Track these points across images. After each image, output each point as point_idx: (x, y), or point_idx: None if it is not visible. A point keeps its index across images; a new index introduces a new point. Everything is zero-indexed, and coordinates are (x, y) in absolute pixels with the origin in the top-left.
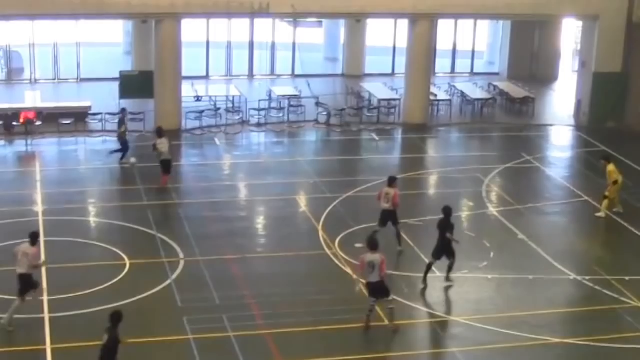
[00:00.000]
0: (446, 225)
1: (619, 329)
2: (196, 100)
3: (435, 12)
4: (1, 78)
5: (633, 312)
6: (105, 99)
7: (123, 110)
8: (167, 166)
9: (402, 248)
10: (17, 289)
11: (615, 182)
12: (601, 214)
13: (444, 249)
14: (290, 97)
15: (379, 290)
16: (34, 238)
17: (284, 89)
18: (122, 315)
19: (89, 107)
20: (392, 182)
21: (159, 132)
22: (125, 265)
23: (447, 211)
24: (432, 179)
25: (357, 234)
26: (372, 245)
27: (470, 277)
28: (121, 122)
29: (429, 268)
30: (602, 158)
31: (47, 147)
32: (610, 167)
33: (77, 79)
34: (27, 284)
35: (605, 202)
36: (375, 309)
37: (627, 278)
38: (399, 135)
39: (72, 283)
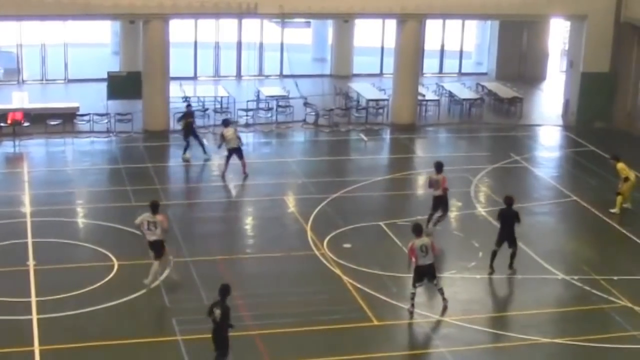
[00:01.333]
0: (510, 214)
1: (608, 329)
2: (184, 101)
3: (423, 13)
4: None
5: (622, 311)
6: (93, 100)
7: (189, 105)
8: (237, 154)
9: (439, 228)
10: (153, 255)
11: (627, 179)
12: (615, 210)
13: (506, 237)
14: (278, 98)
15: (428, 272)
16: (154, 207)
17: (272, 89)
18: (230, 288)
19: (77, 108)
20: (439, 168)
21: (226, 122)
22: (113, 266)
23: (510, 200)
24: (421, 179)
25: (346, 234)
26: (417, 231)
27: (458, 277)
28: (187, 115)
29: (494, 256)
30: (611, 158)
31: (35, 148)
32: (620, 165)
33: (65, 79)
34: (161, 248)
35: (619, 198)
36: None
37: (615, 278)
38: (387, 135)
39: (61, 284)
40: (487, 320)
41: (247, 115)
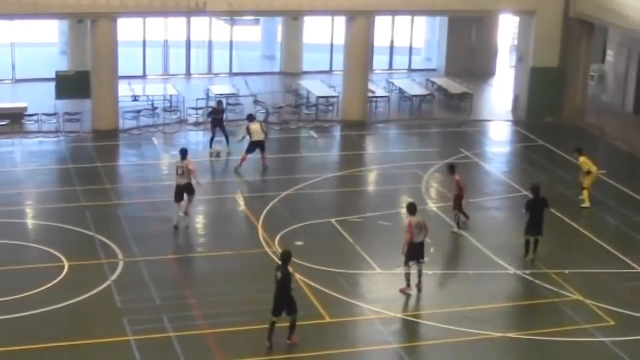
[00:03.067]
0: (540, 202)
1: (560, 322)
2: (133, 100)
3: (372, 9)
4: None
5: (573, 305)
6: (41, 100)
7: (220, 102)
8: (260, 147)
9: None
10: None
11: (589, 172)
12: (586, 204)
13: (536, 226)
14: (228, 96)
15: (419, 250)
16: (183, 153)
17: (221, 87)
18: (290, 254)
19: (25, 108)
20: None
21: (251, 117)
22: (63, 266)
23: (537, 189)
24: (372, 176)
25: (297, 231)
26: (412, 209)
27: (410, 273)
28: (216, 112)
29: (527, 245)
30: (574, 151)
31: None
32: (582, 159)
33: (12, 79)
34: (188, 191)
35: (585, 192)
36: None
37: (566, 271)
38: (337, 132)
39: (10, 286)
40: (440, 316)
41: (196, 114)
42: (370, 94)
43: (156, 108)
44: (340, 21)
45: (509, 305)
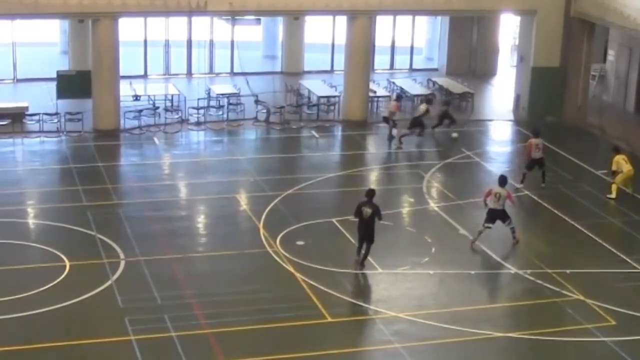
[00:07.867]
0: None
1: (561, 322)
2: (134, 100)
3: (374, 9)
4: None
5: (575, 304)
6: (42, 100)
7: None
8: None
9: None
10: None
11: (615, 172)
12: (611, 195)
13: None
14: (229, 96)
15: (498, 215)
16: (398, 97)
17: (222, 87)
18: (375, 191)
19: (26, 108)
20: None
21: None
22: (65, 266)
23: None
24: (373, 176)
25: (298, 231)
26: (502, 181)
27: (412, 273)
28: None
29: None
30: (612, 149)
31: None
32: (616, 158)
33: (14, 79)
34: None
35: (614, 186)
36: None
37: (568, 271)
38: (338, 132)
39: (11, 286)
40: (441, 315)
41: (198, 114)
42: (371, 94)
43: (157, 108)
44: (342, 21)
45: (510, 305)
